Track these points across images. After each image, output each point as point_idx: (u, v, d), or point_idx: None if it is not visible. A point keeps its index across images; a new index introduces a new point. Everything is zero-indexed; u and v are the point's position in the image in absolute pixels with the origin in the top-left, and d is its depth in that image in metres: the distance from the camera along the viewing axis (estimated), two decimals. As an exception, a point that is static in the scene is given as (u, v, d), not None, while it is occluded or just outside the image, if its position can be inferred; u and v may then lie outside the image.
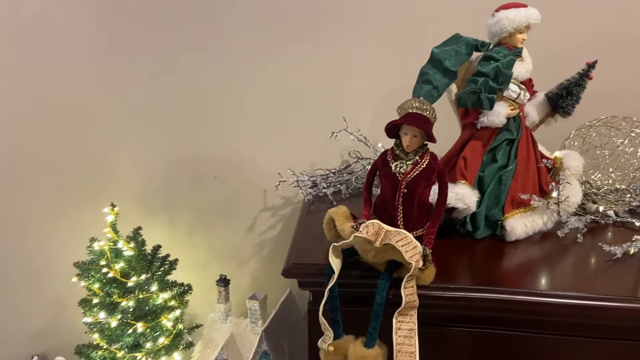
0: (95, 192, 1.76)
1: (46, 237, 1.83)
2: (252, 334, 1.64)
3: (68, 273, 1.65)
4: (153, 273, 1.61)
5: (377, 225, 0.97)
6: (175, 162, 1.73)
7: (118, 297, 1.57)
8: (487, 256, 1.09)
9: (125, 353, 1.59)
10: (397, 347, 0.91)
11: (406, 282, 0.92)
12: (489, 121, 1.08)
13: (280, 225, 1.77)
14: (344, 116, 1.48)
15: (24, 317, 1.92)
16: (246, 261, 1.82)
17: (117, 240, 1.57)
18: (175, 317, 1.65)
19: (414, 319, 0.92)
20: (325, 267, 1.01)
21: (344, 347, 0.99)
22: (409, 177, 0.99)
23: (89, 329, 1.62)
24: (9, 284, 1.90)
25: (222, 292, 1.66)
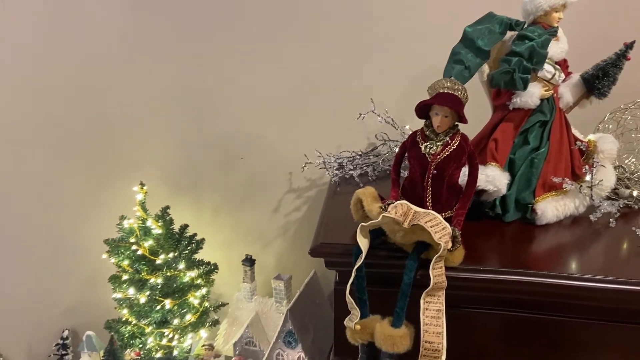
0: (124, 172, 1.79)
1: (77, 215, 1.87)
2: (276, 313, 1.66)
3: (98, 250, 1.69)
4: (180, 252, 1.64)
5: (406, 205, 0.96)
6: (202, 143, 1.75)
7: (147, 274, 1.60)
8: (517, 239, 1.08)
9: (154, 329, 1.63)
10: (425, 327, 0.91)
11: (435, 263, 0.91)
12: (521, 102, 1.06)
13: (306, 207, 1.77)
14: (371, 98, 1.47)
15: (55, 293, 1.98)
16: (271, 242, 1.84)
17: (146, 219, 1.60)
18: (201, 295, 1.68)
19: (442, 299, 0.92)
20: (352, 247, 1.02)
21: (371, 327, 0.99)
22: (438, 158, 0.98)
23: (119, 305, 1.66)
24: (42, 261, 1.95)
25: (247, 271, 1.68)
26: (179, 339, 1.66)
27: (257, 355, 1.64)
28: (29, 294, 2.00)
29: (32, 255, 1.95)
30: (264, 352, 1.60)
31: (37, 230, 1.91)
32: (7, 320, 2.04)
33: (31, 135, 1.81)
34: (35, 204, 1.89)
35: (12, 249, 1.95)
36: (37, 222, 1.90)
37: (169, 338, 1.65)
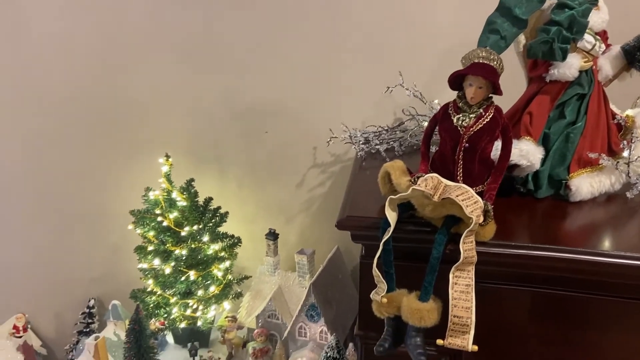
0: (149, 144, 1.80)
1: (103, 186, 1.89)
2: (299, 287, 1.67)
3: (124, 221, 1.71)
4: (205, 224, 1.65)
5: (436, 179, 0.94)
6: (226, 116, 1.74)
7: (172, 246, 1.61)
8: (549, 216, 1.05)
9: (178, 299, 1.65)
10: (453, 301, 0.90)
11: (465, 238, 0.89)
12: (559, 74, 1.02)
13: (330, 183, 1.76)
14: (400, 71, 1.43)
15: (82, 263, 2.02)
16: (294, 217, 1.83)
17: (171, 191, 1.60)
18: (225, 267, 1.70)
19: (472, 274, 0.90)
20: (379, 221, 1.00)
21: (397, 300, 0.98)
22: (471, 131, 0.95)
23: (144, 275, 1.68)
24: (69, 232, 1.98)
25: (270, 245, 1.68)
26: (202, 310, 1.68)
27: (279, 328, 1.65)
28: (56, 265, 2.04)
29: (59, 227, 1.98)
30: (286, 325, 1.61)
31: (64, 202, 1.94)
32: (36, 290, 2.09)
33: (58, 109, 1.82)
34: (62, 176, 1.91)
35: (40, 221, 1.99)
36: (64, 194, 1.93)
37: (193, 309, 1.67)
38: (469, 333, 0.90)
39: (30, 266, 2.05)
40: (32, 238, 2.02)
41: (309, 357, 1.53)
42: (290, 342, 1.61)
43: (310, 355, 1.54)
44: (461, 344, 0.90)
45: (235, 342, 1.72)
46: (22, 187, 1.95)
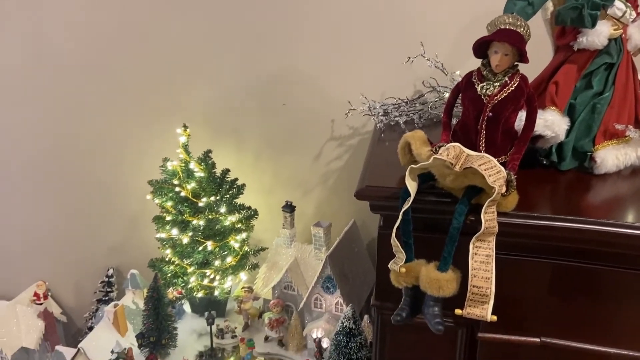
0: (167, 115, 1.80)
1: (122, 156, 1.90)
2: (315, 259, 1.67)
3: (141, 192, 1.72)
4: (222, 195, 1.66)
5: (458, 148, 0.93)
6: (244, 88, 1.73)
7: (189, 216, 1.63)
8: (573, 188, 1.04)
9: (195, 269, 1.67)
10: (473, 271, 0.89)
11: (487, 208, 0.88)
12: (588, 42, 0.99)
13: (347, 156, 1.75)
14: (421, 41, 1.41)
15: (101, 233, 2.04)
16: (311, 190, 1.83)
17: (189, 161, 1.61)
18: (242, 239, 1.71)
19: (492, 245, 0.90)
20: (398, 191, 0.99)
21: (416, 270, 0.98)
22: (495, 100, 0.93)
23: (162, 245, 1.70)
24: (88, 203, 2.00)
25: (287, 217, 1.68)
26: (219, 280, 1.70)
27: (295, 300, 1.67)
28: (75, 234, 2.06)
29: (78, 197, 2.00)
30: (302, 297, 1.62)
31: (82, 172, 1.96)
32: (56, 260, 2.12)
33: (77, 79, 1.83)
34: (81, 146, 1.92)
35: (60, 191, 2.01)
36: (84, 163, 1.95)
37: (210, 279, 1.69)
38: (488, 303, 0.89)
39: (50, 235, 2.09)
40: (52, 207, 2.04)
41: (324, 327, 1.55)
42: (305, 313, 1.63)
43: (325, 326, 1.55)
44: (480, 313, 0.90)
45: (252, 313, 1.74)
46: (41, 158, 1.97)
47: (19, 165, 2.00)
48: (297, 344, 1.64)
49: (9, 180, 2.04)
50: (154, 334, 1.56)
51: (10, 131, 1.96)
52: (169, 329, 1.60)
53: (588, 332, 1.00)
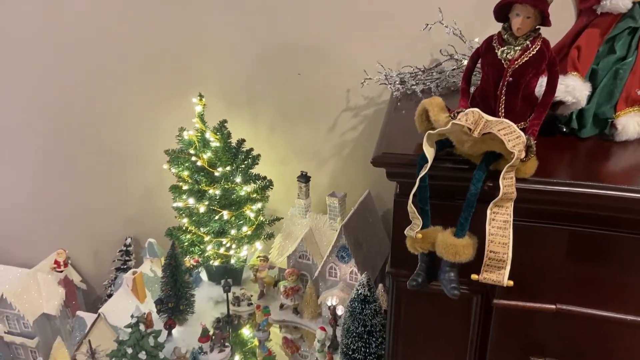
0: (182, 85, 1.80)
1: (138, 127, 1.91)
2: (330, 229, 1.68)
3: (158, 162, 1.74)
4: (237, 165, 1.67)
5: (477, 113, 0.92)
6: (259, 58, 1.72)
7: (205, 186, 1.64)
8: (593, 155, 1.02)
9: (212, 237, 1.69)
10: (490, 237, 0.89)
11: (505, 173, 0.88)
12: (611, 5, 0.96)
13: (362, 127, 1.74)
14: (439, 7, 1.38)
15: (118, 203, 2.07)
16: (326, 160, 1.83)
17: (205, 131, 1.61)
18: (257, 209, 1.72)
19: (510, 210, 0.89)
20: (415, 158, 0.99)
21: (432, 236, 0.98)
22: (516, 64, 0.92)
23: (179, 214, 1.72)
24: (106, 173, 2.03)
25: (302, 187, 1.69)
26: (235, 249, 1.72)
27: (309, 269, 1.69)
28: (94, 204, 2.10)
29: (97, 168, 2.03)
30: (317, 266, 1.64)
31: (100, 143, 1.98)
32: (76, 230, 2.16)
33: (94, 49, 1.83)
34: (98, 118, 1.93)
35: (79, 162, 2.03)
36: (101, 135, 1.96)
37: (226, 247, 1.71)
38: (504, 268, 0.89)
39: (70, 205, 2.12)
40: (71, 178, 2.07)
41: (339, 296, 1.57)
42: (320, 281, 1.65)
43: (340, 295, 1.57)
44: (496, 279, 0.90)
45: (267, 281, 1.76)
46: (60, 129, 1.99)
47: (38, 136, 2.03)
48: (311, 312, 1.67)
49: (29, 152, 2.06)
50: (172, 300, 1.59)
51: (29, 103, 1.97)
52: (187, 296, 1.63)
53: (604, 299, 1.00)
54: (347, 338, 1.39)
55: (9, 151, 2.08)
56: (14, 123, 2.02)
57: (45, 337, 1.99)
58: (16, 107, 2.00)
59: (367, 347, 1.37)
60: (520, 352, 1.11)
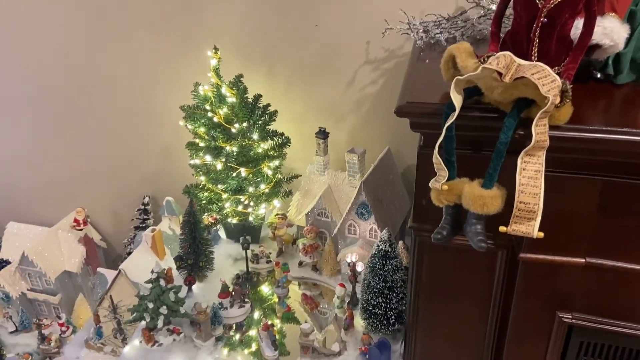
0: (196, 41, 1.75)
1: (153, 84, 1.88)
2: (349, 186, 1.66)
3: (174, 119, 1.71)
4: (254, 122, 1.63)
5: (509, 57, 0.87)
6: (275, 9, 1.66)
7: (222, 142, 1.61)
8: (629, 102, 0.97)
9: (230, 195, 1.67)
10: (520, 187, 0.85)
11: (538, 120, 0.83)
12: (655, -61, 0.90)
13: (382, 81, 1.69)
14: (466, -51, 1.31)
15: (136, 162, 2.06)
16: (344, 117, 1.79)
17: (221, 85, 1.58)
18: (275, 166, 1.70)
19: (542, 160, 0.85)
20: (441, 107, 0.95)
21: (458, 188, 0.95)
22: (551, 4, 0.86)
23: (196, 172, 1.71)
24: (122, 133, 2.01)
25: (320, 144, 1.66)
26: (254, 206, 1.70)
27: (328, 226, 1.67)
28: (112, 163, 2.09)
29: (114, 126, 2.01)
30: (335, 223, 1.62)
31: (116, 101, 1.95)
32: (95, 189, 2.17)
33: (107, 6, 1.78)
34: (115, 76, 1.90)
35: (96, 121, 2.02)
36: (116, 93, 1.93)
37: (245, 205, 1.70)
38: (535, 220, 0.86)
39: (88, 164, 2.12)
40: (88, 137, 2.06)
41: (358, 253, 1.55)
42: (339, 239, 1.63)
43: (359, 252, 1.56)
44: (526, 230, 0.87)
45: (285, 239, 1.76)
46: (77, 89, 1.97)
47: (55, 96, 2.01)
48: (330, 269, 1.66)
49: (46, 112, 2.05)
50: (192, 257, 1.59)
51: (44, 62, 1.95)
52: (206, 253, 1.62)
53: (636, 253, 0.97)
54: (367, 294, 1.38)
55: (27, 112, 2.07)
56: (31, 83, 2.00)
57: (68, 294, 2.02)
58: (31, 67, 1.97)
59: (388, 303, 1.36)
60: (546, 307, 1.09)
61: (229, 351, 1.44)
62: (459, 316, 1.23)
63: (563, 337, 1.10)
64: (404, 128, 1.24)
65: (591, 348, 1.12)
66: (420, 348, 1.31)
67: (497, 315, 1.20)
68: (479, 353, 1.27)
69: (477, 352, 1.27)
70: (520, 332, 1.15)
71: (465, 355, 1.28)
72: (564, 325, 1.08)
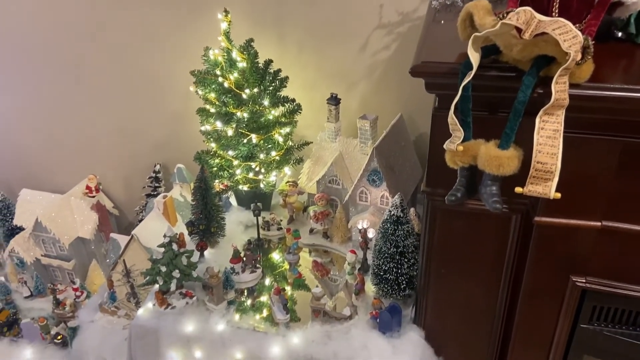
0: (206, 5, 1.72)
1: (163, 50, 1.85)
2: (360, 153, 1.64)
3: (184, 86, 1.69)
4: (265, 87, 1.61)
5: (529, 12, 0.84)
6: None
7: (233, 108, 1.60)
8: (652, 62, 0.95)
9: (241, 162, 1.67)
10: (538, 147, 0.84)
11: (558, 77, 0.81)
12: None
13: (395, 45, 1.66)
14: None
15: (146, 131, 2.06)
16: (356, 83, 1.76)
17: (231, 50, 1.56)
18: (286, 133, 1.69)
19: (560, 119, 0.84)
20: (457, 67, 0.93)
21: (473, 149, 0.94)
22: (574, -43, 0.83)
23: (206, 138, 1.70)
24: (133, 102, 2.00)
25: (332, 110, 1.64)
26: (264, 173, 1.70)
27: (339, 194, 1.66)
28: (123, 131, 2.08)
29: (125, 93, 1.99)
30: (347, 190, 1.61)
31: (128, 68, 1.93)
32: (106, 158, 2.17)
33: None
34: (124, 41, 1.88)
35: (107, 88, 2.00)
36: (127, 59, 1.91)
37: (255, 172, 1.69)
38: (552, 180, 0.85)
39: (99, 131, 2.12)
40: (100, 104, 2.05)
41: (369, 219, 1.55)
42: (350, 206, 1.63)
43: (371, 218, 1.55)
44: (543, 191, 0.86)
45: (296, 206, 1.75)
46: (87, 52, 1.95)
47: (66, 62, 1.99)
48: (341, 236, 1.66)
49: (58, 77, 2.04)
50: (203, 223, 1.59)
51: (56, 28, 1.93)
52: (217, 219, 1.63)
53: (655, 216, 0.96)
54: (378, 259, 1.38)
55: (40, 79, 2.06)
56: (42, 48, 1.99)
57: (81, 260, 2.05)
58: (43, 34, 1.95)
59: (399, 268, 1.36)
60: (560, 271, 1.09)
61: (241, 315, 1.46)
62: (471, 281, 1.23)
63: (576, 302, 1.10)
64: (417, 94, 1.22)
65: (604, 313, 1.11)
66: (431, 313, 1.32)
67: (510, 280, 1.20)
68: (491, 318, 1.27)
69: (489, 317, 1.27)
70: (532, 296, 1.15)
71: (477, 320, 1.28)
72: (577, 290, 1.08)
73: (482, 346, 1.32)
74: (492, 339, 1.30)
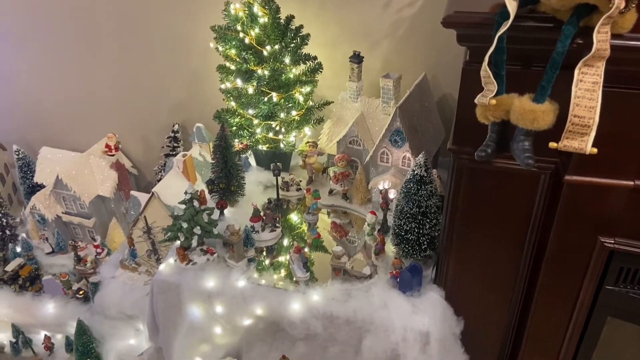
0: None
1: (181, 4, 1.81)
2: (382, 114, 1.62)
3: (204, 44, 1.66)
4: (286, 44, 1.58)
5: (572, -42, 0.80)
6: None
7: (253, 65, 1.57)
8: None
9: (261, 120, 1.65)
10: (576, 100, 0.81)
11: (600, 26, 0.78)
12: None
13: (421, 2, 1.61)
14: None
15: (165, 91, 2.04)
16: (379, 42, 1.72)
17: (252, 4, 1.52)
18: (306, 92, 1.66)
19: (600, 71, 0.80)
20: (492, 17, 0.89)
21: (507, 103, 0.91)
22: None
23: (226, 97, 1.68)
24: (151, 61, 1.98)
25: (354, 69, 1.60)
26: (284, 133, 1.68)
27: (360, 154, 1.64)
28: (141, 90, 2.07)
29: (143, 51, 1.97)
30: (368, 151, 1.59)
31: (144, 26, 1.90)
32: (125, 118, 2.16)
33: None
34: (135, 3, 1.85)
35: (126, 46, 1.98)
36: (146, 17, 1.88)
37: (275, 131, 1.67)
38: (589, 135, 0.82)
39: (118, 90, 2.10)
40: (119, 62, 2.03)
41: (391, 180, 1.53)
42: (371, 167, 1.61)
43: (392, 179, 1.54)
44: (578, 146, 0.83)
45: (316, 167, 1.74)
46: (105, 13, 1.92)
47: (85, 23, 1.97)
48: (361, 198, 1.65)
49: (76, 39, 2.02)
50: (223, 181, 1.59)
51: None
52: (237, 177, 1.62)
53: (691, 176, 0.93)
54: (400, 219, 1.37)
55: (59, 39, 2.04)
56: (60, 8, 1.96)
57: (101, 218, 2.07)
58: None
59: (421, 229, 1.35)
60: (588, 231, 1.07)
61: (261, 273, 1.46)
62: (495, 242, 1.22)
63: (603, 263, 1.09)
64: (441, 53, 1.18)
65: (631, 275, 1.10)
66: (453, 273, 1.32)
67: (535, 242, 1.18)
68: (513, 280, 1.26)
69: (511, 278, 1.26)
70: (558, 258, 1.14)
71: (499, 281, 1.28)
72: (605, 250, 1.06)
73: (502, 307, 1.31)
74: (513, 300, 1.29)
